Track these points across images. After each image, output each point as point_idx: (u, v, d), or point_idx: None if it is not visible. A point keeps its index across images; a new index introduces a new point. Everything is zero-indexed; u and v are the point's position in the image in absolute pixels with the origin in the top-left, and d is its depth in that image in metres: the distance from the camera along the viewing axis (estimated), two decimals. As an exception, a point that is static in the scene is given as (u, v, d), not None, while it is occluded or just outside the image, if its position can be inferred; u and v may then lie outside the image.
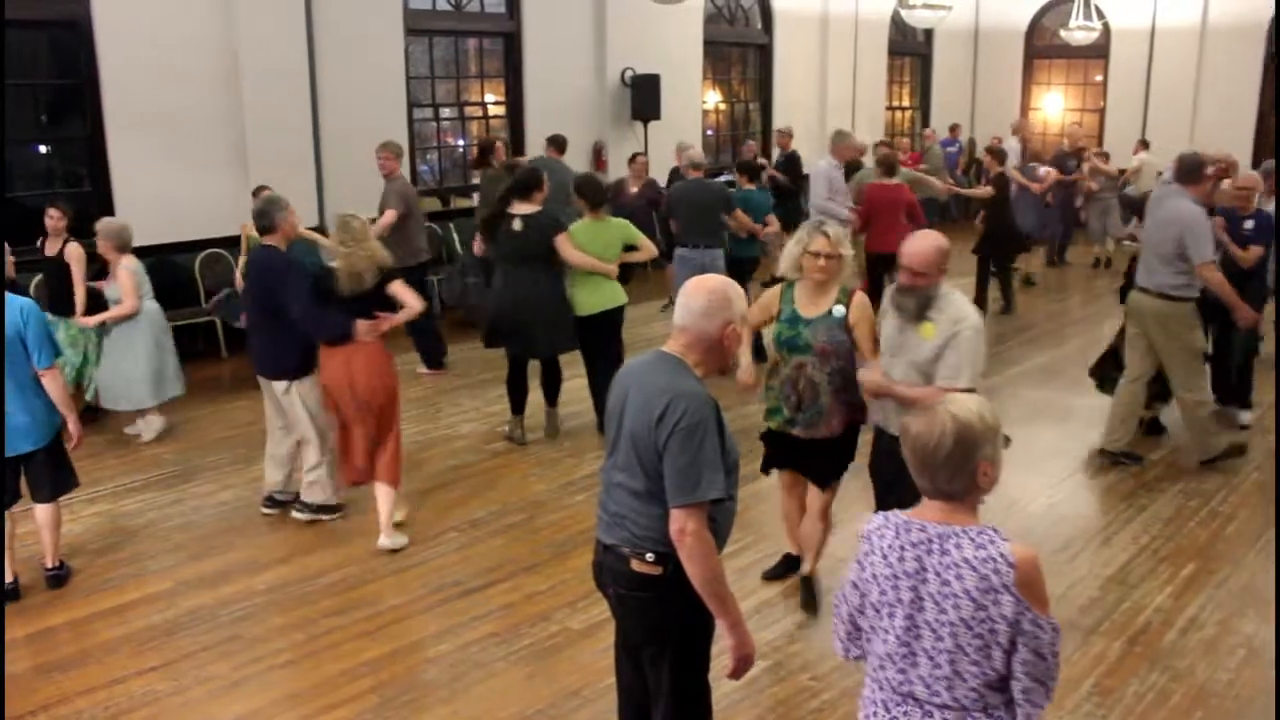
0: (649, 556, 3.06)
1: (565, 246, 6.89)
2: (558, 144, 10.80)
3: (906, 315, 4.34)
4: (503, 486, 6.63)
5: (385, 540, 5.72)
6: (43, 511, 5.32)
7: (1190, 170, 6.53)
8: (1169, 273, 6.55)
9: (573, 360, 7.50)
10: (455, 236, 11.52)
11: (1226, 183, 7.86)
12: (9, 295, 5.02)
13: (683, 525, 2.92)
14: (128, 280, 7.03)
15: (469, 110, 12.49)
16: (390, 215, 8.62)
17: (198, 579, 5.45)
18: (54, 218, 7.31)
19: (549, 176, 7.38)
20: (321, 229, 10.05)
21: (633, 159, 11.52)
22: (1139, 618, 5.11)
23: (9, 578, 5.26)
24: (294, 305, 5.59)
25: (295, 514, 6.07)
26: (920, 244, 4.27)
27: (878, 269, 9.61)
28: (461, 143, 12.56)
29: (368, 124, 10.48)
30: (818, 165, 10.17)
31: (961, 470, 2.40)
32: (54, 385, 5.12)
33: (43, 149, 9.44)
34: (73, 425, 5.22)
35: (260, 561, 5.62)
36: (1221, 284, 6.52)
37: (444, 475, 6.81)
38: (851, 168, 10.75)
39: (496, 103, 12.47)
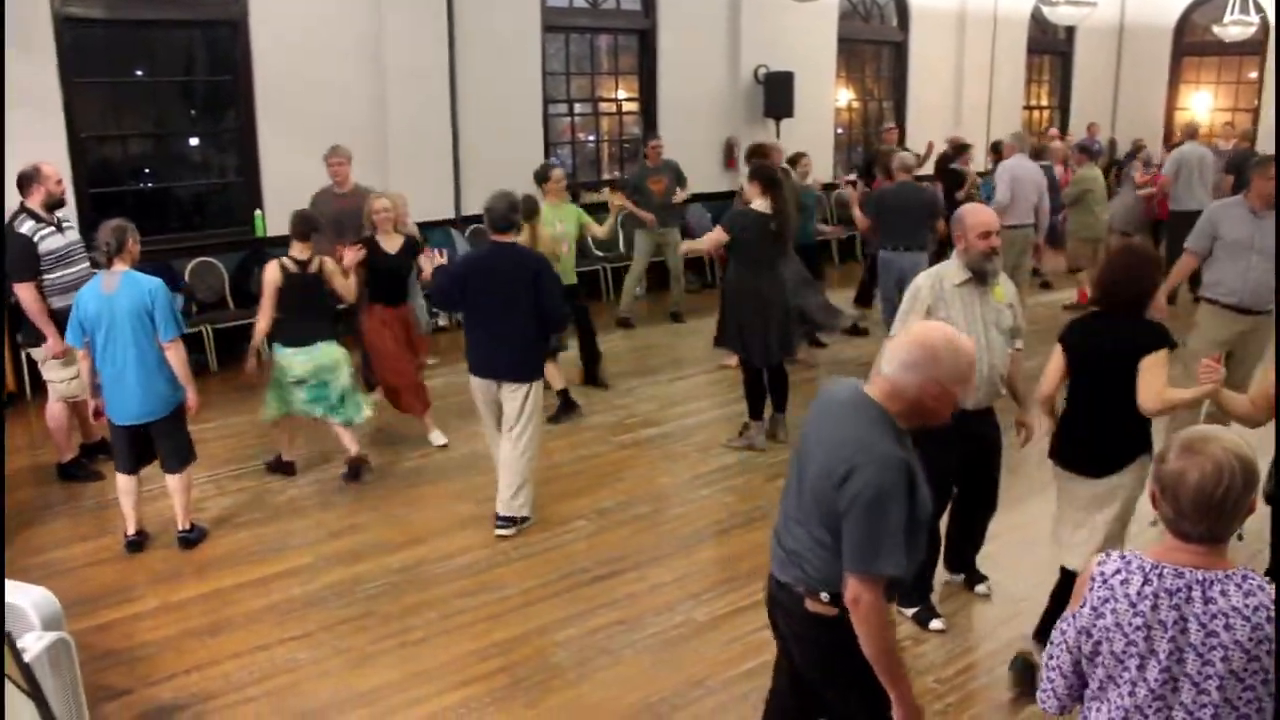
0: (824, 596, 2.91)
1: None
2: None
3: (992, 280, 4.64)
4: (630, 478, 6.70)
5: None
6: (172, 479, 5.68)
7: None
8: None
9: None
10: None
11: None
12: (139, 275, 5.41)
13: (857, 595, 2.76)
14: None
15: (603, 106, 12.63)
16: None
17: (336, 555, 5.65)
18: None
19: None
20: (455, 222, 10.33)
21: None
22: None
23: (132, 530, 5.69)
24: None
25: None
26: (988, 210, 4.70)
27: None
28: (593, 138, 12.69)
29: (504, 120, 10.73)
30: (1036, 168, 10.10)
31: (1241, 510, 2.24)
32: (176, 359, 5.45)
33: (194, 141, 9.88)
34: (192, 398, 5.57)
35: (394, 542, 5.80)
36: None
37: (572, 465, 6.92)
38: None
39: (630, 99, 12.57)
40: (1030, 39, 16.73)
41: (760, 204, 6.79)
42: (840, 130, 14.80)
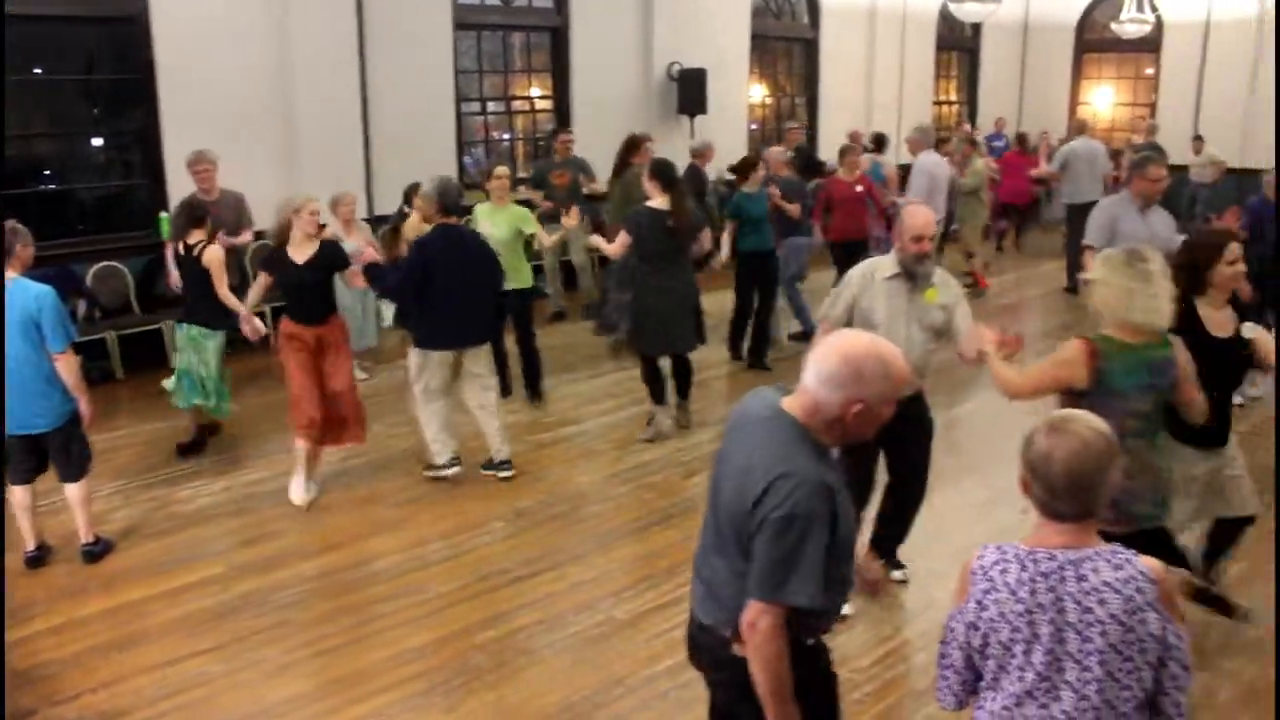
0: None
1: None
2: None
3: (924, 282, 4.73)
4: (548, 477, 6.68)
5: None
6: (70, 490, 5.50)
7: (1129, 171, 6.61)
8: None
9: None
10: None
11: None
12: (27, 283, 5.17)
13: (755, 620, 2.53)
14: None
15: (516, 105, 12.56)
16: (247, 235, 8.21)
17: (249, 564, 5.55)
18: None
19: None
20: (371, 221, 10.19)
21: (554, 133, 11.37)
22: (1187, 615, 5.06)
23: (31, 546, 5.50)
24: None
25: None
26: (928, 214, 4.74)
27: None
28: (507, 137, 12.63)
29: (416, 119, 10.63)
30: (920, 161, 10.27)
31: (1109, 486, 2.31)
32: (66, 370, 5.24)
33: (97, 141, 9.61)
34: (85, 409, 5.36)
35: (309, 548, 5.71)
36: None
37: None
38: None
39: (543, 97, 12.53)
40: (939, 36, 17.06)
41: (659, 201, 6.85)
42: (754, 126, 14.93)
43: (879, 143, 12.32)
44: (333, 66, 9.89)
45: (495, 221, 7.72)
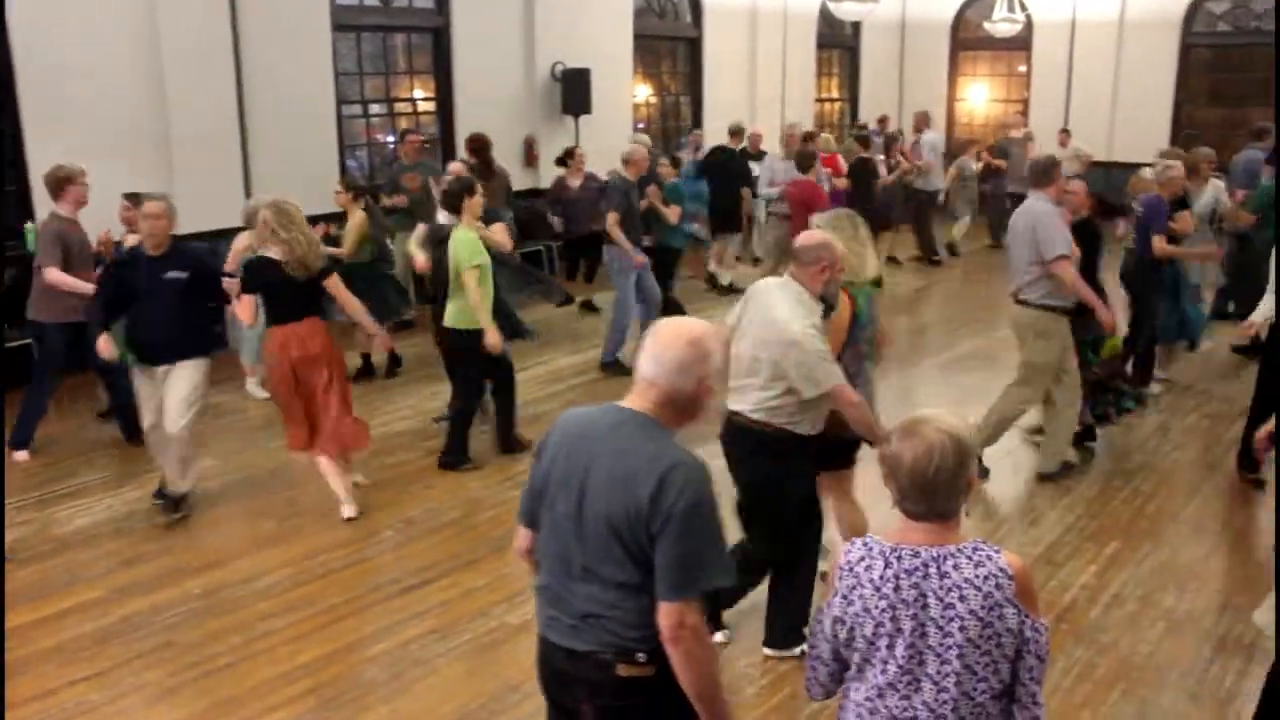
0: (640, 657, 2.58)
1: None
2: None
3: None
4: (439, 484, 6.62)
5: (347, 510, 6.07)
6: None
7: (1043, 172, 6.43)
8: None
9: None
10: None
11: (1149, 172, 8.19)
12: None
13: (679, 620, 2.48)
14: None
15: (398, 107, 12.38)
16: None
17: (130, 585, 5.37)
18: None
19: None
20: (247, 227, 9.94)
21: (570, 153, 11.40)
22: (1066, 595, 5.26)
23: None
24: None
25: None
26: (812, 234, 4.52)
27: None
28: (391, 139, 12.44)
29: (296, 122, 10.39)
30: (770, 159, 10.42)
31: (958, 487, 2.37)
32: None
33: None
34: None
35: (193, 566, 5.56)
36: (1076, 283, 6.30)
37: (380, 473, 6.77)
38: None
39: (426, 98, 12.38)
40: (819, 34, 17.31)
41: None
42: (641, 125, 14.98)
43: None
44: (206, 68, 9.61)
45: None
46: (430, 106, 12.34)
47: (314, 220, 8.42)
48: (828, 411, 4.37)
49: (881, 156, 13.20)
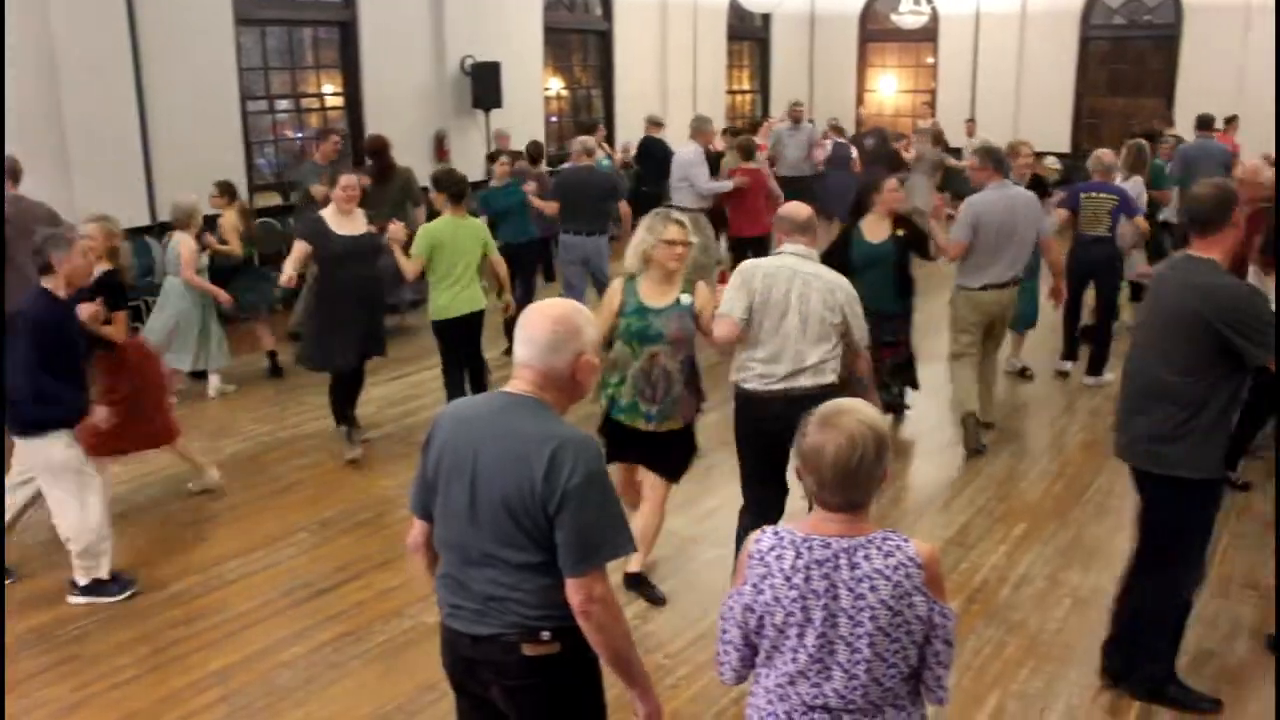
0: (545, 635, 2.63)
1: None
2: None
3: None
4: (351, 484, 6.53)
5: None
6: None
7: (1000, 161, 6.99)
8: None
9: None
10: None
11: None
12: None
13: (588, 594, 2.53)
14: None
15: (306, 102, 12.16)
16: None
17: (30, 597, 5.20)
18: None
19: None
20: (150, 228, 9.71)
21: (495, 156, 11.15)
22: (976, 576, 5.36)
23: None
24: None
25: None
26: (805, 209, 4.86)
27: (745, 251, 9.76)
28: (300, 135, 12.23)
29: (200, 118, 10.17)
30: (682, 151, 10.28)
31: (876, 477, 2.38)
32: None
33: None
34: None
35: (98, 575, 5.40)
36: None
37: (291, 475, 6.66)
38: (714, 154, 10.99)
39: (334, 94, 12.18)
40: (730, 26, 17.42)
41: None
42: (554, 119, 14.93)
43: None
44: (103, 65, 9.34)
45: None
46: (339, 102, 12.15)
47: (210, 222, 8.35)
48: None
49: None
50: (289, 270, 6.63)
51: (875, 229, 6.79)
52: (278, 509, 6.11)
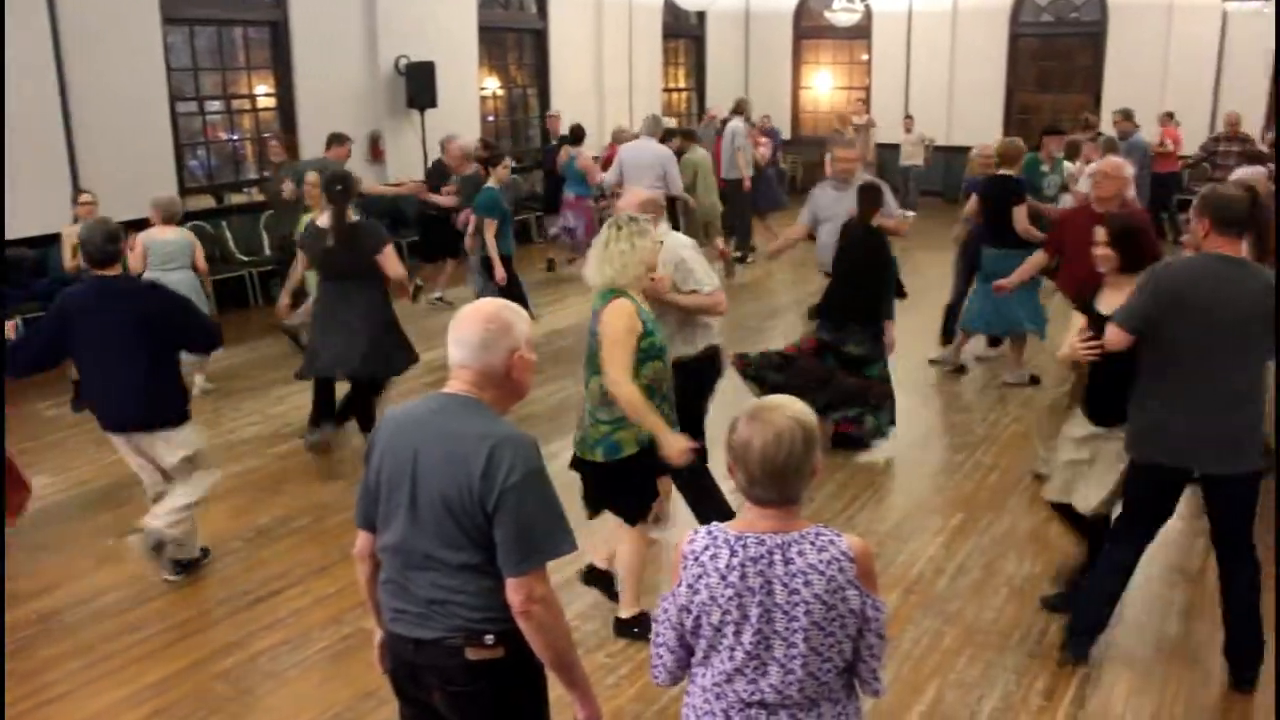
0: (488, 639, 2.61)
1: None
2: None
3: None
4: (289, 490, 6.44)
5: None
6: None
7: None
8: None
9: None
10: (229, 235, 11.11)
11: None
12: None
13: (529, 594, 2.52)
14: None
15: (237, 103, 11.98)
16: None
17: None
18: None
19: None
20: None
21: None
22: (913, 568, 5.43)
23: None
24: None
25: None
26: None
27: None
28: (235, 137, 12.05)
29: (128, 121, 9.98)
30: (655, 148, 10.36)
31: (806, 472, 2.39)
32: None
33: None
34: None
35: (26, 591, 5.26)
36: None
37: (228, 482, 6.50)
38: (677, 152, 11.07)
39: (266, 95, 12.02)
40: (665, 24, 17.45)
41: (323, 219, 6.62)
42: (491, 118, 14.86)
43: (576, 135, 12.61)
44: (23, 65, 9.11)
45: None
46: (271, 103, 11.99)
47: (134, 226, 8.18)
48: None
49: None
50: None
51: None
52: (213, 516, 5.99)
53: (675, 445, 4.25)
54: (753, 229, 13.17)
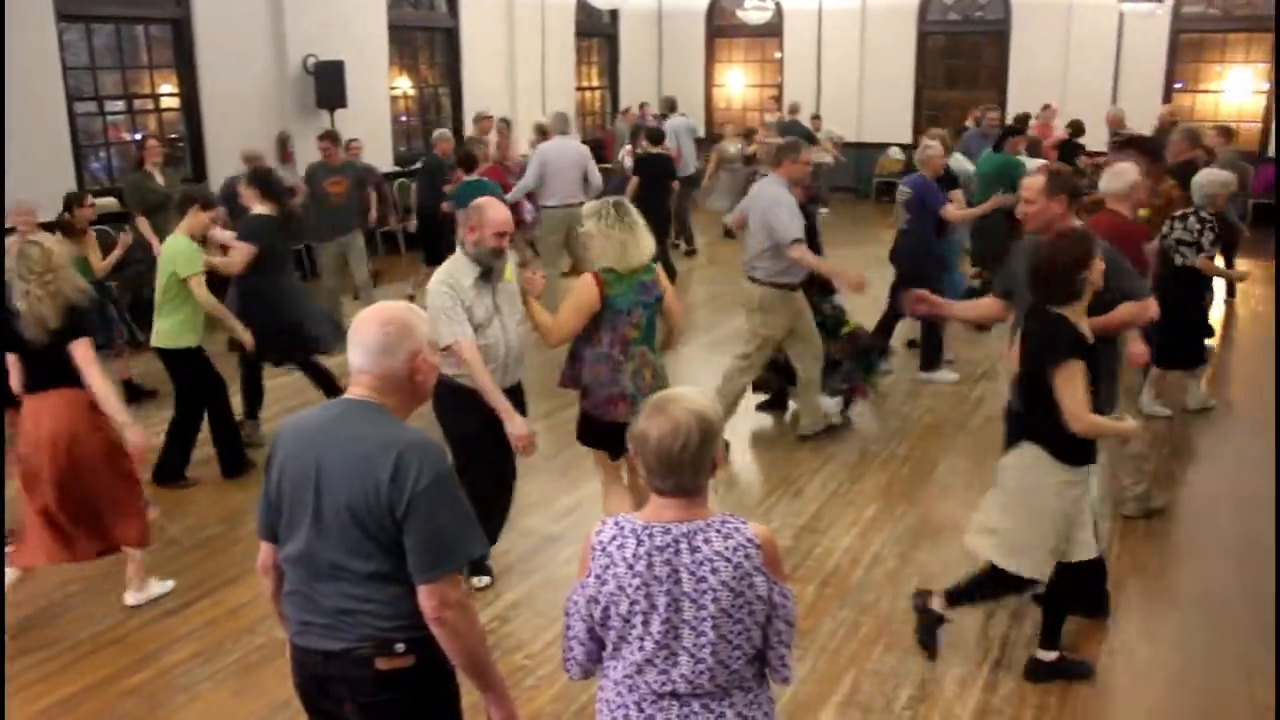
0: (399, 648, 2.58)
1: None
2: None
3: (501, 269, 4.86)
4: (198, 499, 6.31)
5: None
6: None
7: (779, 153, 6.93)
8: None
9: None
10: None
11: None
12: None
13: (441, 600, 2.50)
14: None
15: (140, 103, 11.67)
16: None
17: None
18: None
19: None
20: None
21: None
22: (830, 560, 5.50)
23: None
24: None
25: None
26: (505, 211, 4.82)
27: None
28: (138, 137, 11.74)
29: (20, 121, 9.64)
30: (579, 146, 10.33)
31: (704, 464, 2.41)
32: None
33: None
34: None
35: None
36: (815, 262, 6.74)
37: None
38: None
39: (170, 94, 11.74)
40: (578, 22, 17.41)
41: (262, 208, 6.80)
42: (405, 118, 14.70)
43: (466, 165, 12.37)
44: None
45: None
46: (175, 103, 11.71)
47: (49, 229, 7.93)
48: (509, 365, 4.89)
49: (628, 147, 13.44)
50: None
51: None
52: (120, 528, 5.86)
53: (516, 428, 4.70)
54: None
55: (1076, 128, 12.99)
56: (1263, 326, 10.01)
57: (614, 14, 18.08)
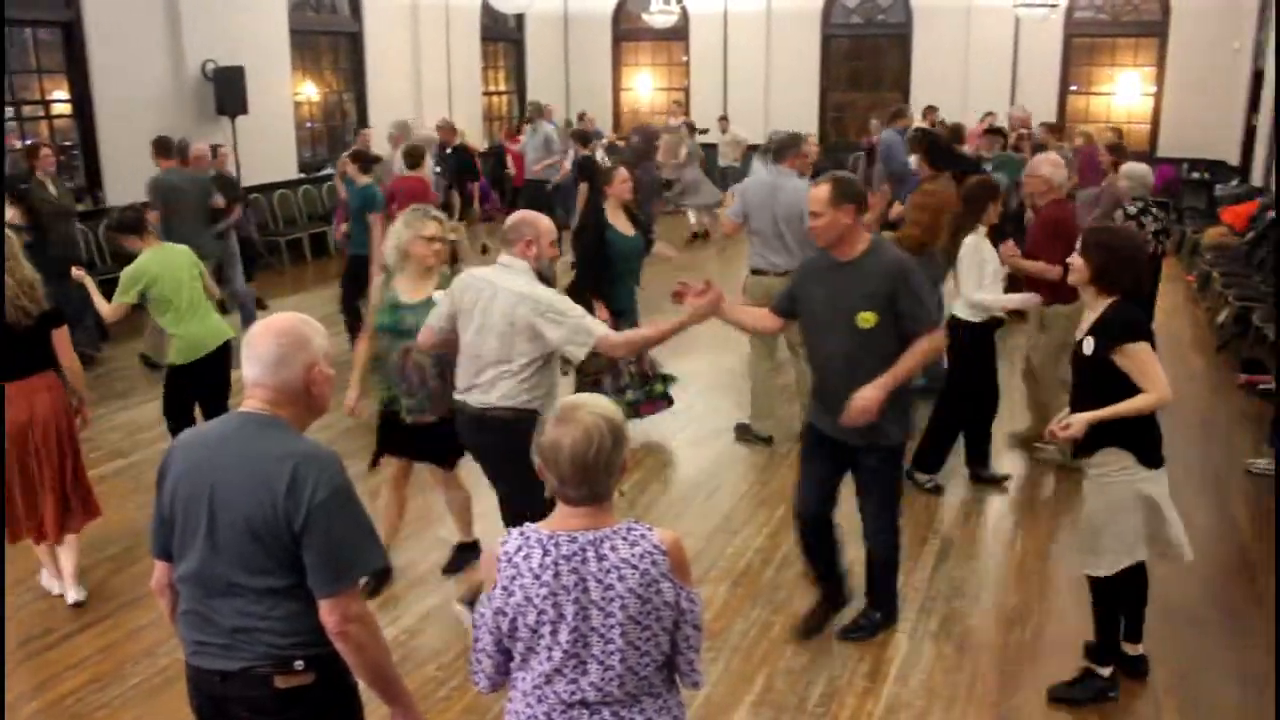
0: (298, 665, 2.54)
1: None
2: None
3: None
4: (103, 516, 6.09)
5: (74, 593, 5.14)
6: None
7: (783, 147, 6.98)
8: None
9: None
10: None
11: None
12: None
13: (343, 613, 2.48)
14: None
15: (29, 109, 11.28)
16: None
17: None
18: None
19: None
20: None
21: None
22: (742, 560, 5.53)
23: None
24: None
25: None
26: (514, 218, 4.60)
27: None
28: (28, 144, 11.33)
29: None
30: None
31: (615, 467, 2.41)
32: None
33: None
34: None
35: None
36: None
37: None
38: None
39: (62, 100, 11.37)
40: (484, 27, 17.33)
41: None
42: (311, 124, 14.46)
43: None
44: None
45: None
46: (68, 109, 11.35)
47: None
48: None
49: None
50: None
51: (616, 219, 6.75)
52: (16, 548, 5.62)
53: None
54: None
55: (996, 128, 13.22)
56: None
57: (520, 18, 18.05)
